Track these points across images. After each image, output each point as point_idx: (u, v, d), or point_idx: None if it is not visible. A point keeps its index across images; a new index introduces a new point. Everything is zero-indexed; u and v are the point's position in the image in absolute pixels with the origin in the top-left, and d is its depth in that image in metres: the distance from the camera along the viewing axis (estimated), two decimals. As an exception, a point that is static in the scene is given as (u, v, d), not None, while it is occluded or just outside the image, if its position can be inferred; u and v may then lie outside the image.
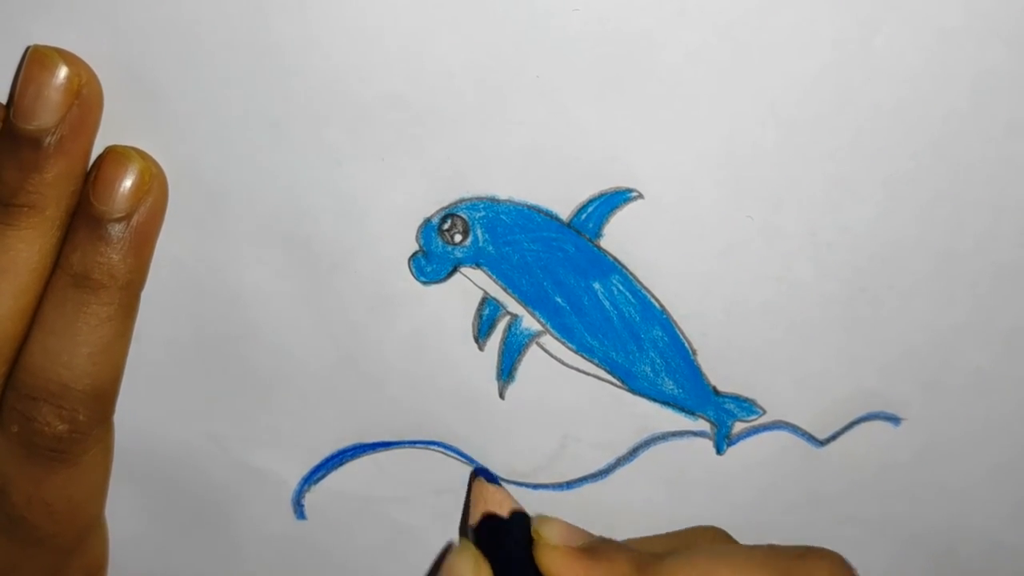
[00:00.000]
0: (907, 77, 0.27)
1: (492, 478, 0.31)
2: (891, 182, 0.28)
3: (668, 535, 0.32)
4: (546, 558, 0.27)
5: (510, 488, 0.32)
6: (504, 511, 0.29)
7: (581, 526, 0.32)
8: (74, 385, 0.27)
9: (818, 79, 0.27)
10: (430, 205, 0.29)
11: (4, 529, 0.29)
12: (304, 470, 0.32)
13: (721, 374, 0.31)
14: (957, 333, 0.31)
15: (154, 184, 0.28)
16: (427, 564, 0.34)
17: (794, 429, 0.32)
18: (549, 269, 0.29)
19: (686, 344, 0.30)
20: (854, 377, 0.31)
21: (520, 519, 0.29)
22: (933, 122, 0.28)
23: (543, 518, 0.28)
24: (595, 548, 0.27)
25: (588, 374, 0.31)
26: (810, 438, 0.32)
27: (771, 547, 0.28)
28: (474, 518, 0.30)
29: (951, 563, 0.34)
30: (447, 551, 0.32)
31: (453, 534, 0.33)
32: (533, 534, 0.28)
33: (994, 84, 0.27)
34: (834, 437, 0.32)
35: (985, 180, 0.28)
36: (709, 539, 0.31)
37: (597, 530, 0.32)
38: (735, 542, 0.31)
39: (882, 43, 0.27)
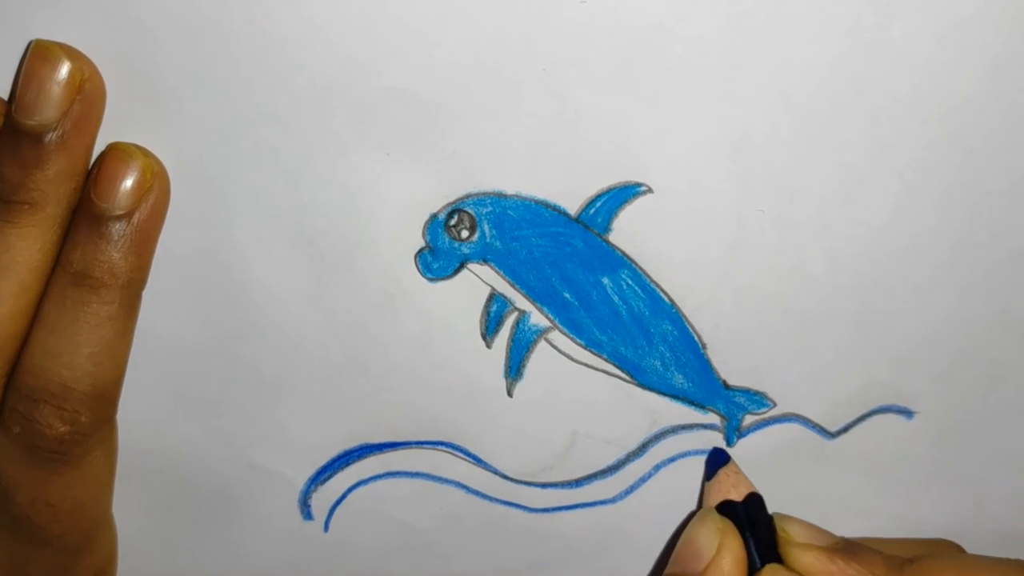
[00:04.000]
0: (922, 66, 0.27)
1: (723, 459, 0.31)
2: (906, 173, 0.28)
3: (907, 540, 0.32)
4: (801, 557, 0.28)
5: (519, 488, 0.32)
6: (738, 495, 0.30)
7: (590, 525, 0.32)
8: (75, 386, 0.27)
9: (832, 68, 0.27)
10: (436, 200, 0.28)
11: (10, 529, 0.29)
12: (311, 470, 0.32)
13: (731, 367, 0.31)
14: (971, 325, 0.30)
15: (156, 181, 0.27)
16: (434, 564, 0.33)
17: (805, 422, 0.31)
18: (557, 264, 0.29)
19: (696, 338, 0.30)
20: (866, 370, 0.31)
21: (756, 503, 0.30)
22: (949, 111, 0.28)
23: (783, 516, 0.29)
24: (849, 549, 0.28)
25: (597, 369, 0.30)
26: (821, 431, 0.32)
27: (1018, 561, 0.28)
28: (712, 501, 0.31)
29: (962, 556, 0.34)
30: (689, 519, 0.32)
31: (460, 534, 0.33)
32: (780, 532, 0.29)
33: (1010, 73, 0.27)
34: (845, 430, 0.32)
35: (1001, 170, 0.28)
36: (951, 549, 0.32)
37: (605, 528, 0.32)
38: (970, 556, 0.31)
39: (897, 32, 0.26)
